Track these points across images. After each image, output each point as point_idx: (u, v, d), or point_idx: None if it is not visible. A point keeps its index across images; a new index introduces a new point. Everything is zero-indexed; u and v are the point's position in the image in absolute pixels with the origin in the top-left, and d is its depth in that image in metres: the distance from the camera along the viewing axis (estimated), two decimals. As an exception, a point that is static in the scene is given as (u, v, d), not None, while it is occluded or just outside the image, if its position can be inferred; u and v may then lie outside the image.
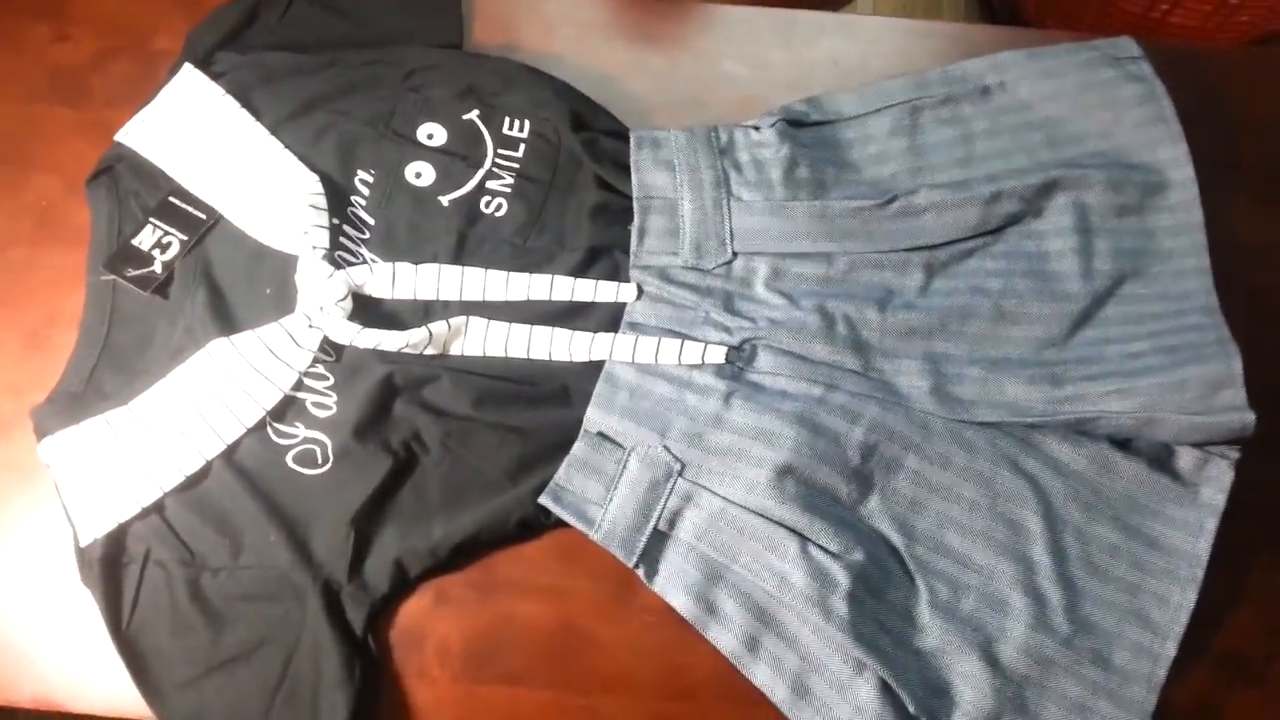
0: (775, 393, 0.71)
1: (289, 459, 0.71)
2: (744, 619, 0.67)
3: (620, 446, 0.70)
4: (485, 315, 0.73)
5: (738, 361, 0.72)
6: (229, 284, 0.76)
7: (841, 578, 0.66)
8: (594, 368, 0.72)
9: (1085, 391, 0.69)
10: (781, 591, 0.66)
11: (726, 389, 0.71)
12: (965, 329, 0.73)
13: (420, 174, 0.77)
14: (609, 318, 0.74)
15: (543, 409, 0.72)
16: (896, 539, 0.69)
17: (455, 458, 0.71)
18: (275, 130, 0.78)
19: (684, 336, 0.72)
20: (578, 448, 0.70)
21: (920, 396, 0.71)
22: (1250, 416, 0.66)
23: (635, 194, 0.75)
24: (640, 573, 0.68)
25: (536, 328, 0.73)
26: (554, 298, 0.74)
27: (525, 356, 0.73)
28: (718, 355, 0.71)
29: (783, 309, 0.73)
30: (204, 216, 0.77)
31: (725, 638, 0.68)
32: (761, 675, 0.67)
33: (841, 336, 0.72)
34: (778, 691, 0.67)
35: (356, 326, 0.72)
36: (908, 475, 0.70)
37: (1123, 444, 0.70)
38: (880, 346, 0.72)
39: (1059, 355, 0.72)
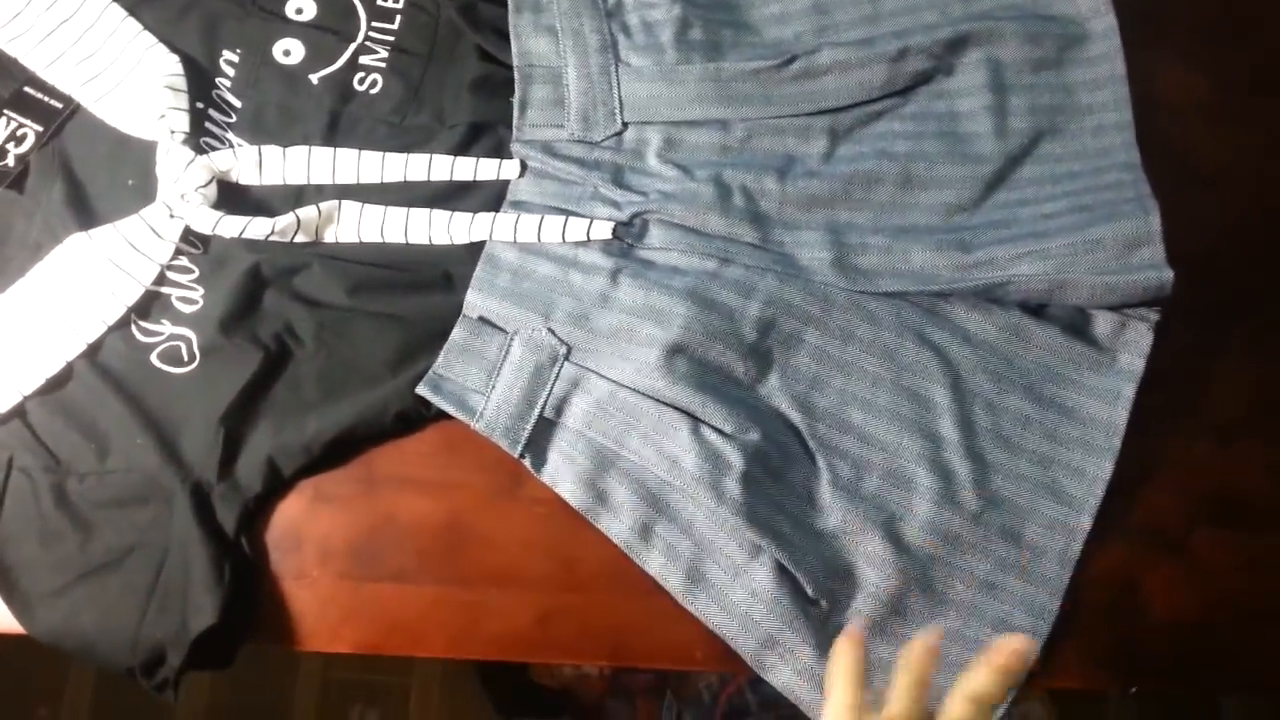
0: (666, 269, 0.64)
1: (154, 357, 0.64)
2: (636, 506, 0.61)
3: (502, 331, 0.63)
4: (361, 199, 0.66)
5: (626, 238, 0.64)
6: (89, 176, 0.67)
7: (735, 459, 0.59)
8: (477, 251, 0.65)
9: (995, 256, 0.62)
10: (673, 476, 0.59)
11: (614, 266, 0.63)
12: (870, 196, 0.65)
13: (289, 51, 0.69)
14: (493, 197, 0.66)
15: (423, 295, 0.65)
16: (797, 418, 0.62)
17: (330, 350, 0.64)
18: (134, 10, 0.69)
19: (569, 213, 0.65)
20: (457, 333, 0.63)
21: (821, 268, 0.63)
22: (1168, 274, 0.59)
23: (515, 63, 0.67)
24: (527, 463, 0.61)
25: (414, 210, 0.65)
26: (433, 178, 0.66)
27: (403, 241, 0.65)
28: (604, 231, 0.64)
29: (675, 181, 0.65)
30: (60, 106, 0.69)
31: (617, 526, 0.61)
32: (655, 564, 0.61)
33: (738, 208, 0.64)
34: (672, 579, 0.61)
35: (218, 214, 0.64)
36: (808, 351, 0.63)
37: (1036, 311, 0.63)
38: (779, 217, 0.65)
39: (969, 220, 0.65)
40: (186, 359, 0.64)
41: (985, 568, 0.60)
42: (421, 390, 0.62)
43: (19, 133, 0.68)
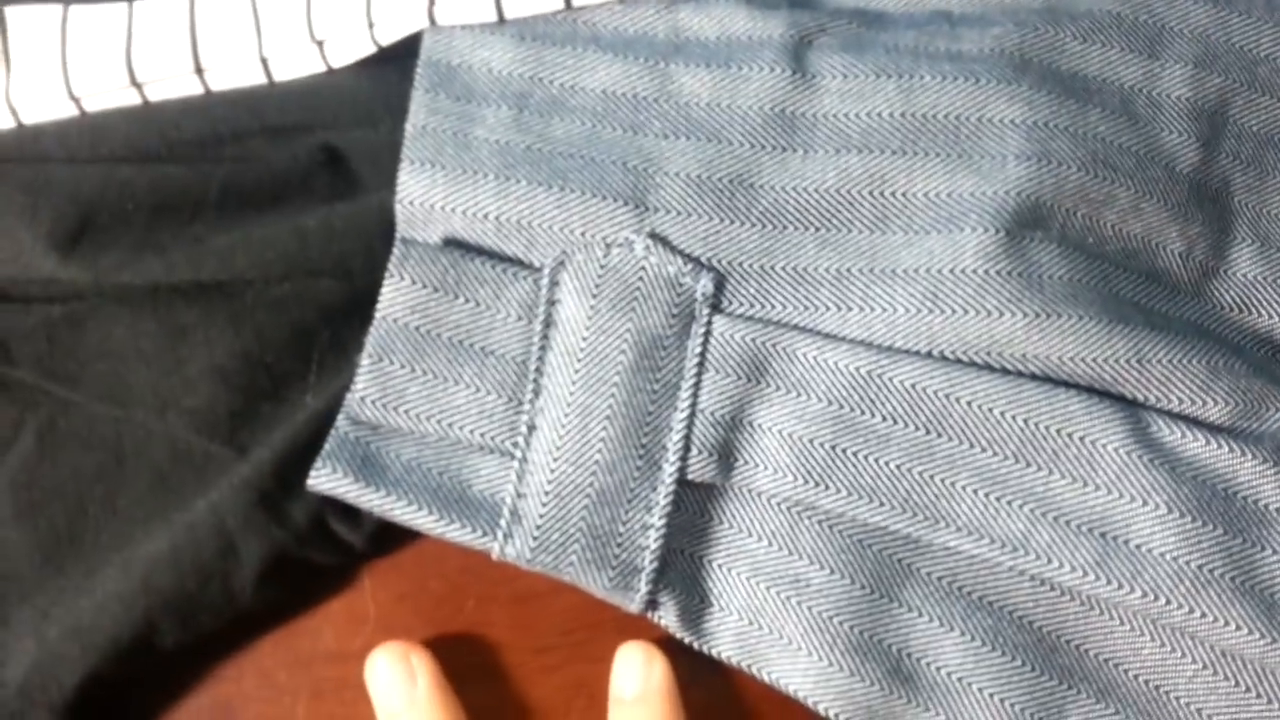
0: (931, 17, 0.23)
1: None
2: (1007, 681, 0.22)
3: (519, 263, 0.22)
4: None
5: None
6: None
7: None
8: (399, 66, 0.23)
9: None
10: (1109, 579, 0.20)
11: (787, 33, 0.23)
12: None
13: None
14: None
15: (272, 216, 0.23)
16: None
17: (67, 430, 0.22)
18: None
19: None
20: (392, 298, 0.21)
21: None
22: None
23: None
24: (667, 622, 0.21)
25: None
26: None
27: (198, 90, 0.24)
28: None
29: None
30: None
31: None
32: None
33: None
34: None
35: None
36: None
37: None
38: None
39: None
40: None
41: None
42: (317, 482, 0.21)
43: None
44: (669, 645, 0.21)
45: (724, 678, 0.21)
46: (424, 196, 0.22)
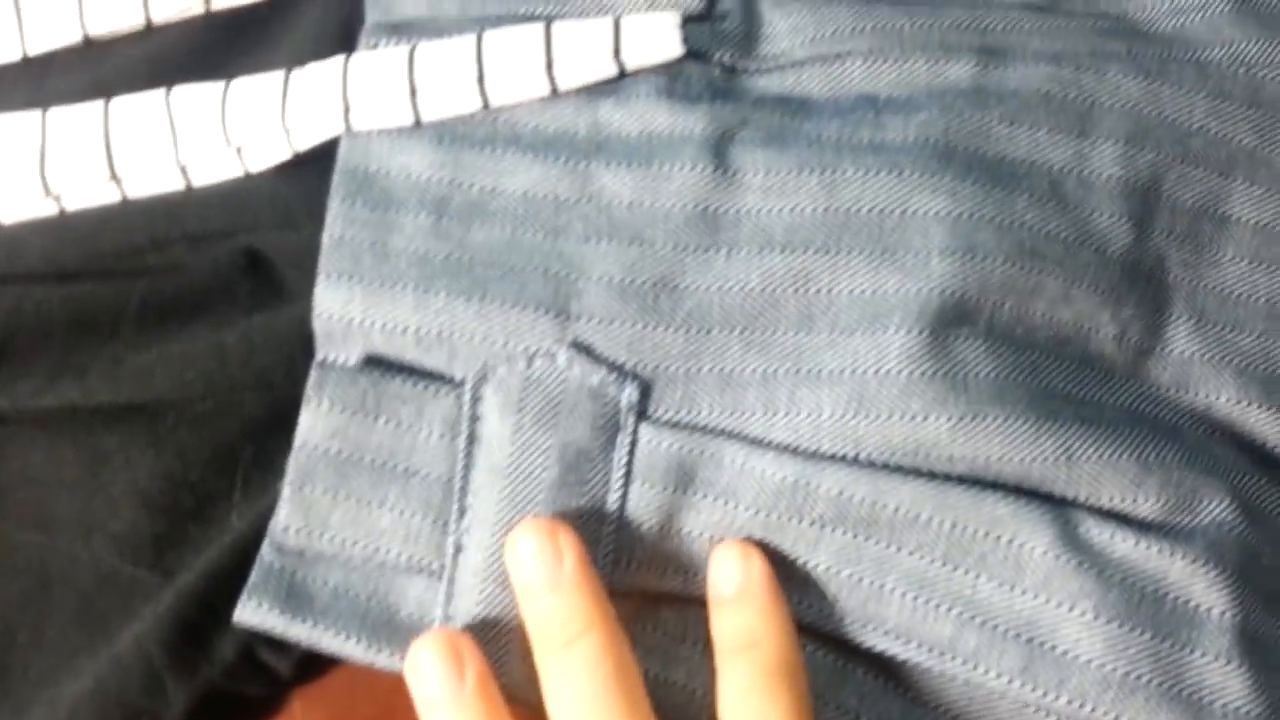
0: (848, 104, 0.23)
1: None
2: None
3: (440, 378, 0.22)
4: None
5: (716, 49, 0.23)
6: None
7: (1215, 602, 0.20)
8: (319, 172, 0.23)
9: None
10: (1043, 690, 0.20)
11: (710, 128, 0.22)
12: None
13: None
14: (318, 33, 0.24)
15: (194, 331, 0.22)
16: (1267, 421, 0.23)
17: None
18: None
19: (545, 20, 0.24)
20: (312, 422, 0.21)
21: (1210, 20, 0.24)
22: None
23: None
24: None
25: (117, 105, 0.23)
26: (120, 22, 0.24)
27: (114, 197, 0.23)
28: (664, 43, 0.22)
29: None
30: None
31: None
32: None
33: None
34: None
35: None
36: (1249, 237, 0.23)
37: None
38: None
39: None
40: None
41: None
42: (243, 617, 0.20)
43: None
44: None
45: None
46: (342, 311, 0.21)
